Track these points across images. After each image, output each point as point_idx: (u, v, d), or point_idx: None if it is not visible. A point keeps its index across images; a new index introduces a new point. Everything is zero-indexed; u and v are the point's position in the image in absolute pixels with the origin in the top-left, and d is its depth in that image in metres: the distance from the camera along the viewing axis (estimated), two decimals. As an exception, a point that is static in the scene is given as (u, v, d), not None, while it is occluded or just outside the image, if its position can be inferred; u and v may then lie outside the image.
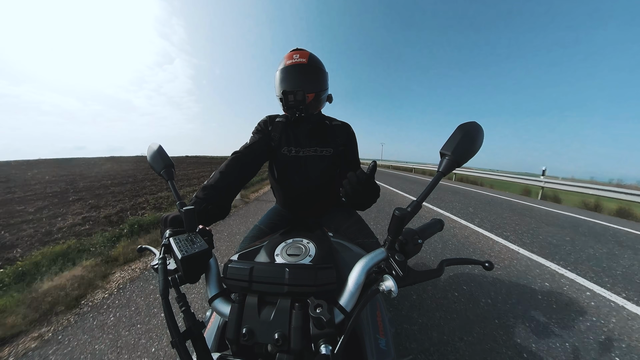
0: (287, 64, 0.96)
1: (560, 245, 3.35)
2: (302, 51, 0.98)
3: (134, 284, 2.16)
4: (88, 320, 1.70)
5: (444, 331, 1.60)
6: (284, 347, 0.40)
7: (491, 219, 4.62)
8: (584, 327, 1.68)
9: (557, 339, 1.56)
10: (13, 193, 7.12)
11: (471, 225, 4.08)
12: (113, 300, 1.92)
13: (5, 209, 5.17)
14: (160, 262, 0.49)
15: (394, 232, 0.46)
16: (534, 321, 1.72)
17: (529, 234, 3.80)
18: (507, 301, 1.95)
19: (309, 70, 0.97)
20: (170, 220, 0.62)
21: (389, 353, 0.58)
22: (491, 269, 0.49)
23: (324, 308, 0.40)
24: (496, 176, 11.11)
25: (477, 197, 7.40)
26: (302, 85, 0.94)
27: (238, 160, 0.94)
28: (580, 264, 2.73)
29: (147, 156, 0.71)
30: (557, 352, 1.46)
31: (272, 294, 0.45)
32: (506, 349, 1.46)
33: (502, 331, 1.61)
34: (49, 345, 1.47)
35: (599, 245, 3.41)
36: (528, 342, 1.53)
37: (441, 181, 7.58)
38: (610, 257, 2.99)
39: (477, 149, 0.47)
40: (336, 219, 1.18)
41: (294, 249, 0.61)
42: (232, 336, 0.43)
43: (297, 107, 0.94)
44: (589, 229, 4.31)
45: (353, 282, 0.46)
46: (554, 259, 2.83)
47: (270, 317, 0.43)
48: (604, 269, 2.62)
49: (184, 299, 0.45)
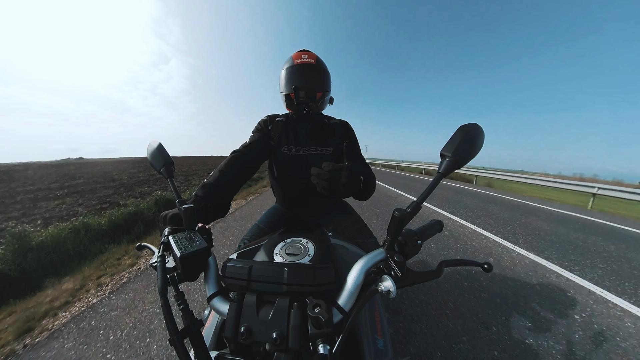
0: (296, 62, 0.98)
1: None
2: (309, 52, 1.01)
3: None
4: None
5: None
6: (282, 346, 0.40)
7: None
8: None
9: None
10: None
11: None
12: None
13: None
14: (159, 260, 0.49)
15: (393, 233, 0.46)
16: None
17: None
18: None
19: (317, 70, 1.00)
20: (170, 218, 0.62)
21: (386, 353, 0.58)
22: (490, 271, 0.49)
23: (322, 308, 0.40)
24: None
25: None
26: (312, 83, 0.97)
27: (237, 159, 0.94)
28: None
29: (147, 154, 0.71)
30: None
31: (270, 293, 0.45)
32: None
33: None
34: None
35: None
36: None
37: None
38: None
39: (478, 150, 0.47)
40: (335, 218, 1.18)
41: (293, 248, 0.61)
42: (230, 335, 0.43)
43: (307, 104, 0.97)
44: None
45: (352, 282, 0.46)
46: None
47: (269, 316, 0.43)
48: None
49: (183, 297, 0.45)
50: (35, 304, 1.92)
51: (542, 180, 8.81)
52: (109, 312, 1.80)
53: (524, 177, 9.57)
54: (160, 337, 1.54)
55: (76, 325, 1.67)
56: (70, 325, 1.67)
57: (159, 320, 1.68)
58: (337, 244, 0.78)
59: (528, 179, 9.28)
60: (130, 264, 2.56)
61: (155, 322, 1.67)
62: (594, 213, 5.78)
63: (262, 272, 0.46)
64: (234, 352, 0.45)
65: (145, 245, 0.66)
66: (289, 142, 1.05)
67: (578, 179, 9.66)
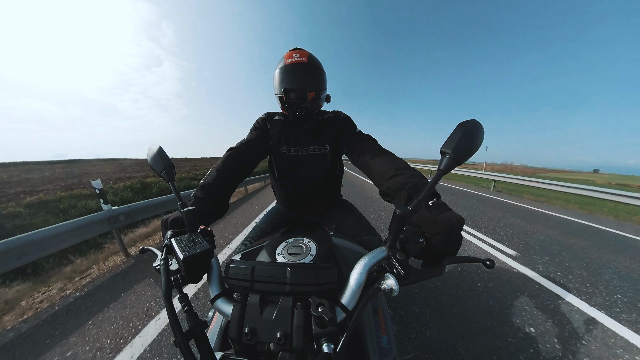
0: (287, 62, 0.94)
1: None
2: (301, 50, 0.97)
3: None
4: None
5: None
6: (286, 346, 0.40)
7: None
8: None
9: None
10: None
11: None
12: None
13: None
14: (162, 263, 0.49)
15: (395, 231, 0.46)
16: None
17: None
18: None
19: (309, 69, 0.96)
20: (171, 222, 0.62)
21: (391, 351, 0.58)
22: (492, 267, 0.49)
23: (325, 307, 0.40)
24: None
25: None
26: (303, 83, 0.93)
27: (234, 157, 0.93)
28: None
29: (148, 158, 0.71)
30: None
31: (273, 293, 0.45)
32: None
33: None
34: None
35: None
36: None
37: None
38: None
39: (478, 147, 0.47)
40: (337, 217, 1.18)
41: (295, 248, 0.61)
42: (235, 335, 0.43)
43: (298, 106, 0.94)
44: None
45: (354, 281, 0.46)
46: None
47: (272, 316, 0.43)
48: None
49: (187, 299, 0.46)
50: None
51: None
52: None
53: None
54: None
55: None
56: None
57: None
58: (339, 243, 0.78)
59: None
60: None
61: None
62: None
63: (264, 272, 0.46)
64: (239, 353, 0.45)
65: (148, 249, 0.66)
66: (288, 143, 1.05)
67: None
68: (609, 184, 45.00)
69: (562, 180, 8.62)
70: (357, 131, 1.04)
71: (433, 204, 0.55)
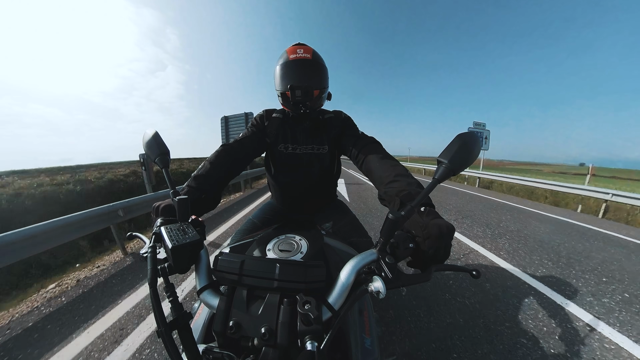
0: (291, 58, 0.91)
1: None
2: (305, 46, 0.94)
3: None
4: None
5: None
6: (270, 342, 0.40)
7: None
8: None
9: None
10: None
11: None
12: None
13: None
14: (149, 250, 0.48)
15: (386, 235, 0.46)
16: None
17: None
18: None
19: (314, 66, 0.93)
20: (162, 209, 0.61)
21: (373, 352, 0.59)
22: (478, 277, 0.50)
23: (312, 305, 0.40)
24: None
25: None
26: (307, 81, 0.90)
27: (227, 152, 0.92)
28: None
29: (143, 143, 0.69)
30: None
31: (261, 288, 0.45)
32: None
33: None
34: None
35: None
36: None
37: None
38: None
39: (474, 159, 0.48)
40: (331, 217, 1.18)
41: (286, 244, 0.61)
42: (219, 328, 0.43)
43: (304, 103, 0.92)
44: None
45: (342, 281, 0.46)
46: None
47: (259, 312, 0.43)
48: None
49: (172, 289, 0.45)
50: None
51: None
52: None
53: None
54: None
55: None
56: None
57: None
58: (331, 243, 0.78)
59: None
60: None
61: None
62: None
63: (253, 267, 0.46)
64: (222, 346, 0.45)
65: (136, 235, 0.65)
66: (286, 140, 1.04)
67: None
68: (552, 172, 50.12)
69: (523, 172, 10.02)
70: (359, 133, 1.03)
71: (425, 210, 0.55)
